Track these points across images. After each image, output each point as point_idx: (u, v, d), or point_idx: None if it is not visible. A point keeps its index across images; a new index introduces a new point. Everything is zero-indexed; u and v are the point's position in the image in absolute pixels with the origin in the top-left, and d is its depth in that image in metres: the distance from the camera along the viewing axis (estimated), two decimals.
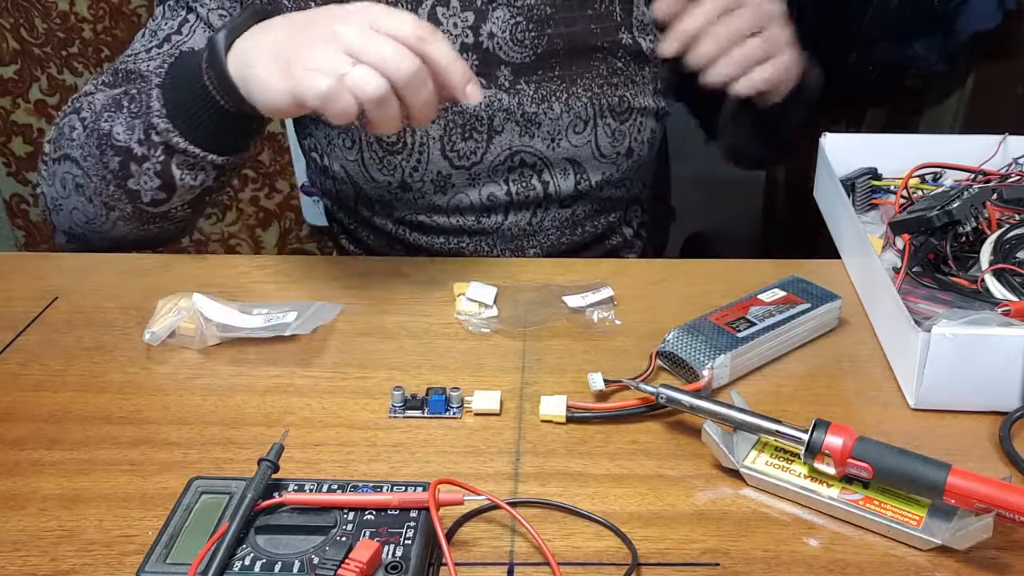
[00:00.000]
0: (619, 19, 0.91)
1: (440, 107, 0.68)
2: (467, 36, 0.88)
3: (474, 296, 0.75)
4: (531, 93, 0.90)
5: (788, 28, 0.83)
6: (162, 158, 0.76)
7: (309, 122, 0.95)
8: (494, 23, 0.88)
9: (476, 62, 0.88)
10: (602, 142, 0.93)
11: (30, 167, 2.13)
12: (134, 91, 0.77)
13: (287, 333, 0.69)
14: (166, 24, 0.87)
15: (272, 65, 0.67)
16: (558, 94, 0.91)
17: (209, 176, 0.78)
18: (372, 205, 0.96)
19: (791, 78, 0.85)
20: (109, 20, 1.95)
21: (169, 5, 0.87)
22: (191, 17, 0.86)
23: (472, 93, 0.67)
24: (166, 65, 0.81)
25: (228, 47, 0.70)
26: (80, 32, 1.97)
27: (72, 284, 0.79)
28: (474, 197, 0.93)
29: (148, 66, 0.84)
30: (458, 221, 0.94)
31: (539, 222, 0.96)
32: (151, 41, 0.86)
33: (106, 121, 0.78)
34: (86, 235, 0.85)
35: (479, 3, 0.87)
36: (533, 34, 0.89)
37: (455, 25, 0.88)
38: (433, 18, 0.87)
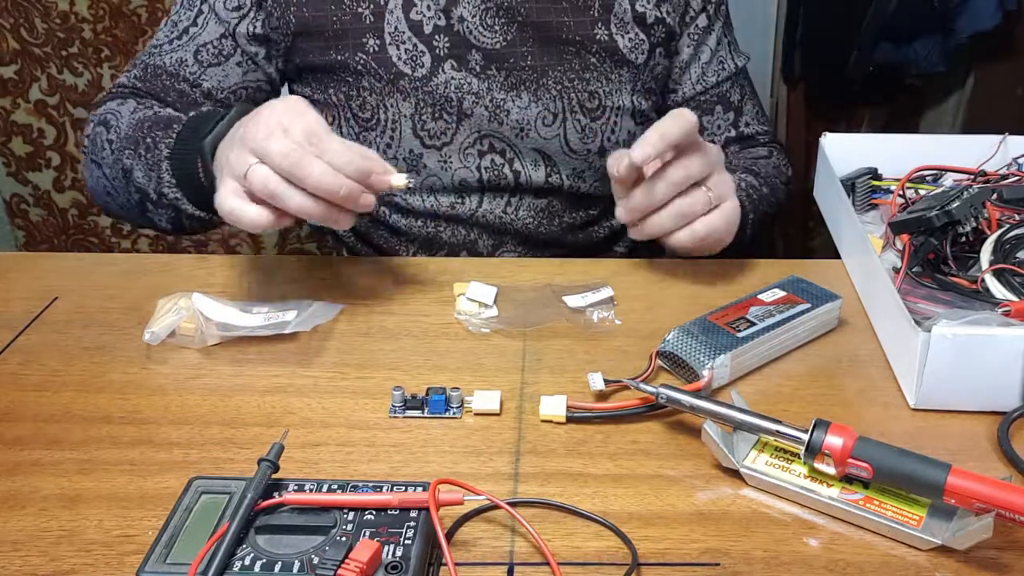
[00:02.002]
0: (596, 14, 0.91)
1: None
2: (439, 18, 0.89)
3: (474, 296, 0.75)
4: (501, 80, 0.91)
5: (728, 175, 0.78)
6: (173, 214, 0.82)
7: (296, 95, 0.96)
8: (464, 7, 0.89)
9: (448, 44, 0.90)
10: (571, 137, 0.93)
11: (30, 167, 2.13)
12: (149, 140, 0.81)
13: (287, 331, 0.69)
14: (184, 15, 0.93)
15: (222, 167, 0.71)
16: (527, 84, 0.91)
17: (217, 221, 0.80)
18: None
19: (732, 228, 0.78)
20: (109, 20, 1.95)
21: None
22: (204, 7, 0.92)
23: (393, 183, 0.68)
24: (178, 107, 0.91)
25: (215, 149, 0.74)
26: (80, 32, 1.97)
27: (72, 284, 0.79)
28: (446, 179, 0.94)
29: (170, 59, 0.92)
30: (432, 205, 0.95)
31: (514, 210, 0.96)
32: (172, 32, 0.93)
33: (128, 159, 0.83)
34: (129, 222, 0.91)
35: None
36: (503, 21, 0.90)
37: (428, 7, 0.89)
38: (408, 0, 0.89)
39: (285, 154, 0.65)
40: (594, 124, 0.94)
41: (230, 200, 0.67)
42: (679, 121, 0.72)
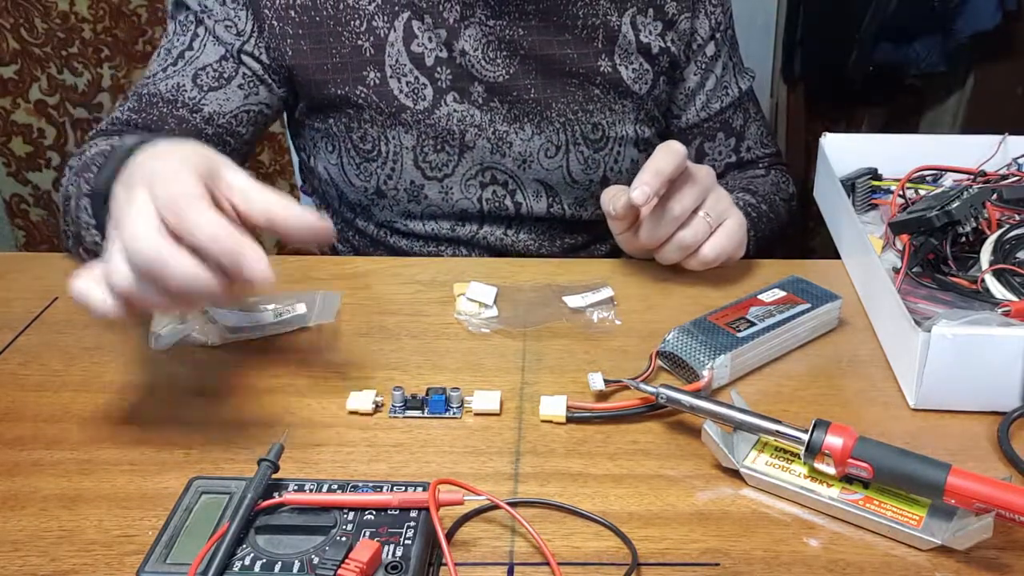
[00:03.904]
0: (600, 46, 0.91)
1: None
2: (441, 51, 0.88)
3: (474, 296, 0.75)
4: (504, 112, 0.90)
5: (724, 192, 0.79)
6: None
7: (298, 122, 0.96)
8: (466, 41, 0.88)
9: (450, 76, 0.89)
10: (574, 168, 0.93)
11: (30, 167, 2.13)
12: (80, 181, 0.73)
13: (310, 324, 0.69)
14: (178, 40, 0.89)
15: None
16: (531, 116, 0.91)
17: None
18: (353, 208, 0.98)
19: (741, 242, 0.79)
20: (109, 20, 1.96)
21: (180, 21, 0.89)
22: (200, 31, 0.88)
23: (251, 272, 0.50)
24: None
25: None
26: (80, 32, 1.97)
27: None
28: (447, 209, 0.93)
29: (166, 85, 0.88)
30: (433, 229, 0.95)
31: (514, 234, 0.96)
32: (166, 60, 0.89)
33: (71, 184, 0.76)
34: None
35: (451, 21, 0.88)
36: (505, 54, 0.89)
37: (429, 39, 0.88)
38: (409, 31, 0.88)
39: (140, 250, 0.50)
40: (597, 155, 0.93)
41: (79, 280, 0.53)
42: (671, 156, 0.72)
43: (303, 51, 0.88)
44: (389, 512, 0.50)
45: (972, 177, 0.84)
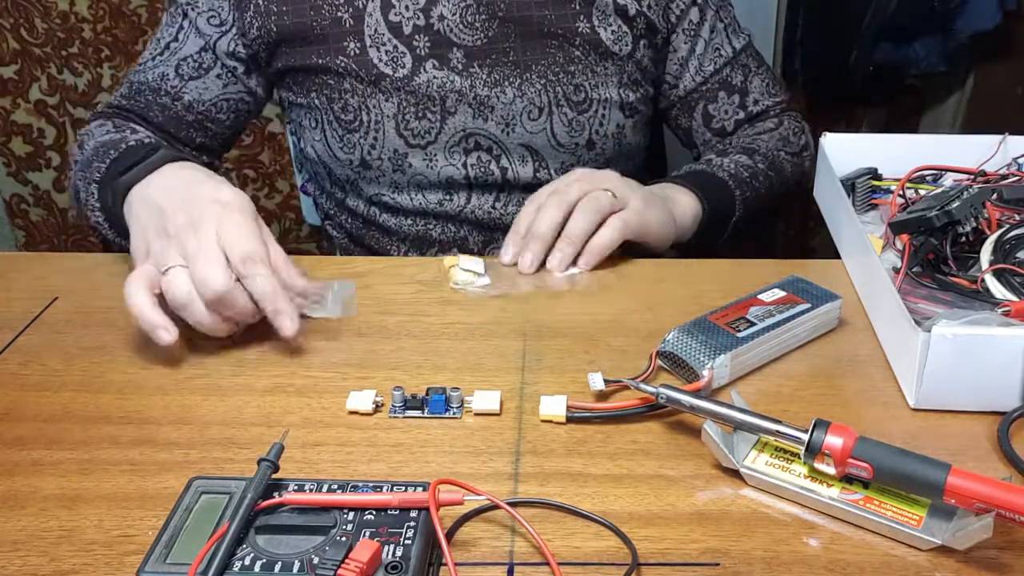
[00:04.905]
0: (578, 7, 0.91)
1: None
2: (418, 18, 0.90)
3: (466, 267, 0.78)
4: (484, 77, 0.91)
5: (616, 178, 0.82)
6: (101, 237, 0.86)
7: (289, 105, 0.99)
8: (444, 5, 0.90)
9: (428, 43, 0.90)
10: (558, 131, 0.94)
11: (30, 167, 2.13)
12: (95, 164, 0.82)
13: (339, 315, 0.71)
14: (167, 32, 0.94)
15: (138, 232, 0.72)
16: (511, 79, 0.91)
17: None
18: (343, 185, 1.00)
19: (647, 224, 0.82)
20: (109, 20, 1.96)
21: (170, 12, 0.95)
22: (185, 23, 0.93)
23: (282, 328, 0.67)
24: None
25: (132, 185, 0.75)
26: (80, 32, 1.97)
27: (72, 284, 0.79)
28: (432, 177, 0.94)
29: (153, 74, 0.94)
30: (421, 203, 0.96)
31: (503, 207, 0.97)
32: (155, 49, 0.95)
33: (80, 180, 0.85)
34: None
35: None
36: (483, 17, 0.90)
37: (407, 8, 0.90)
38: (386, 1, 0.90)
39: (216, 290, 0.64)
40: (581, 117, 0.94)
41: (139, 293, 0.65)
42: (525, 216, 0.81)
43: (286, 26, 0.91)
44: (389, 512, 0.50)
45: (972, 177, 0.84)
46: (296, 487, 0.51)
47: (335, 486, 0.51)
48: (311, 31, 0.91)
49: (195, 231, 0.66)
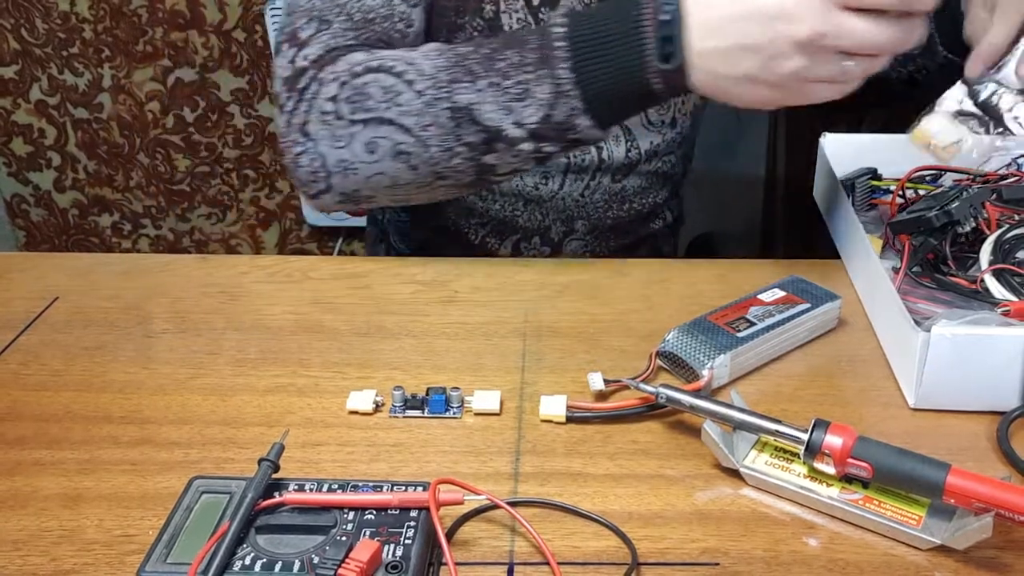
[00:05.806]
0: None
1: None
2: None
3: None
4: None
5: None
6: (547, 147, 0.74)
7: None
8: None
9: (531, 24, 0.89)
10: (650, 109, 0.95)
11: (30, 167, 2.13)
12: (502, 64, 0.72)
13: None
14: None
15: (749, 82, 0.68)
16: None
17: (570, 148, 0.76)
18: None
19: None
20: (109, 20, 1.95)
21: None
22: None
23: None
24: (563, 39, 0.71)
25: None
26: (80, 32, 1.97)
27: (72, 284, 0.79)
28: None
29: (379, 1, 0.82)
30: (517, 184, 0.96)
31: (591, 193, 0.98)
32: None
33: (460, 94, 0.73)
34: (374, 197, 0.80)
35: None
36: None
37: None
38: None
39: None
40: None
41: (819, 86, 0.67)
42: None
43: None
44: (389, 512, 0.50)
45: (972, 177, 0.84)
46: (296, 487, 0.51)
47: (335, 486, 0.51)
48: None
49: (808, 24, 0.63)
